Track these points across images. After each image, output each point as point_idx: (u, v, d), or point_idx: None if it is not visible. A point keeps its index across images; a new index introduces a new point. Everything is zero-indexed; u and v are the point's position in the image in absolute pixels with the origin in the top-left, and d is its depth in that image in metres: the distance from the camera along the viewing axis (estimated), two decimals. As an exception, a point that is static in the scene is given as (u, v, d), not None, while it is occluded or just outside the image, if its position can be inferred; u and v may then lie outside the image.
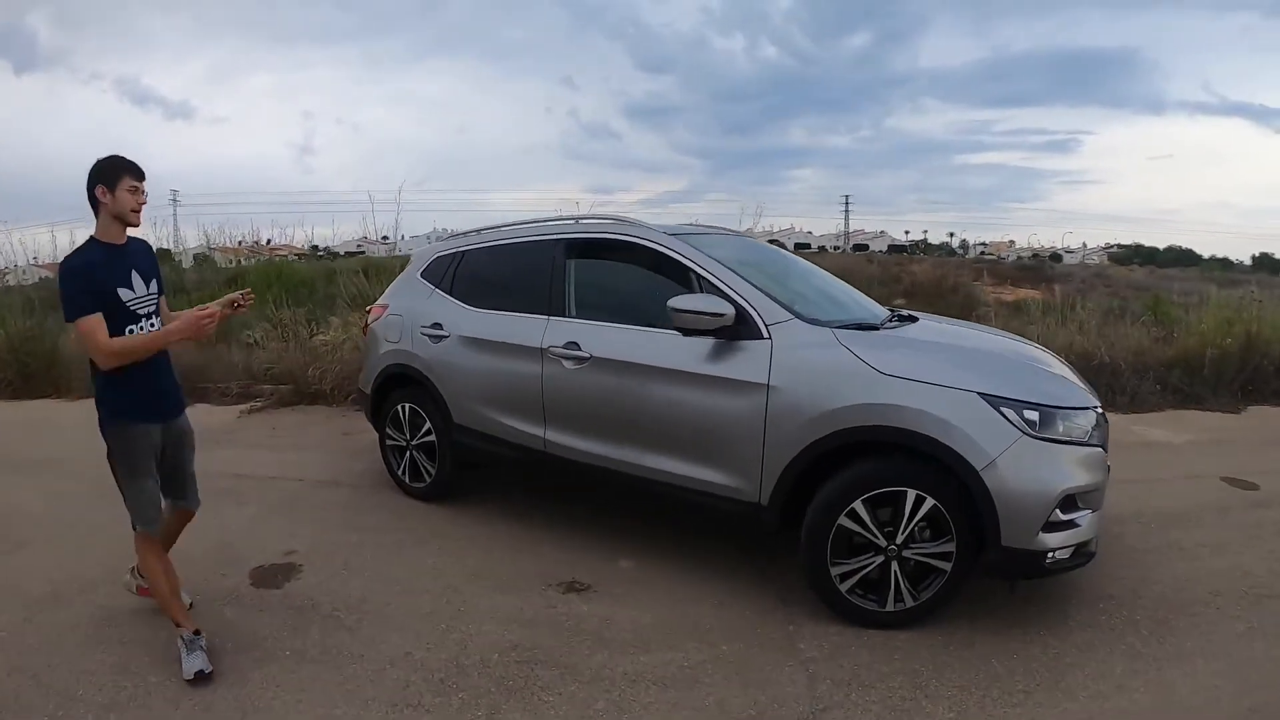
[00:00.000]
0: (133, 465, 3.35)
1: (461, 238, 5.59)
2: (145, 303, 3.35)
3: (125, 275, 3.28)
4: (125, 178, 3.22)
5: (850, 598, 3.63)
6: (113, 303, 3.22)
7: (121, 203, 3.22)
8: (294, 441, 7.10)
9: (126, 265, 3.31)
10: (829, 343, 3.74)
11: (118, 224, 3.28)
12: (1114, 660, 3.38)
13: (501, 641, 3.56)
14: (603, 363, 4.26)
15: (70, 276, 3.17)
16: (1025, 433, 3.38)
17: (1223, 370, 8.55)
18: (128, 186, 3.22)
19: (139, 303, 3.32)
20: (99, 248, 3.27)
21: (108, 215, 3.26)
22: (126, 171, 3.23)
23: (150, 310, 3.37)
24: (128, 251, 3.35)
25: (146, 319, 3.34)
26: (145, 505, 3.40)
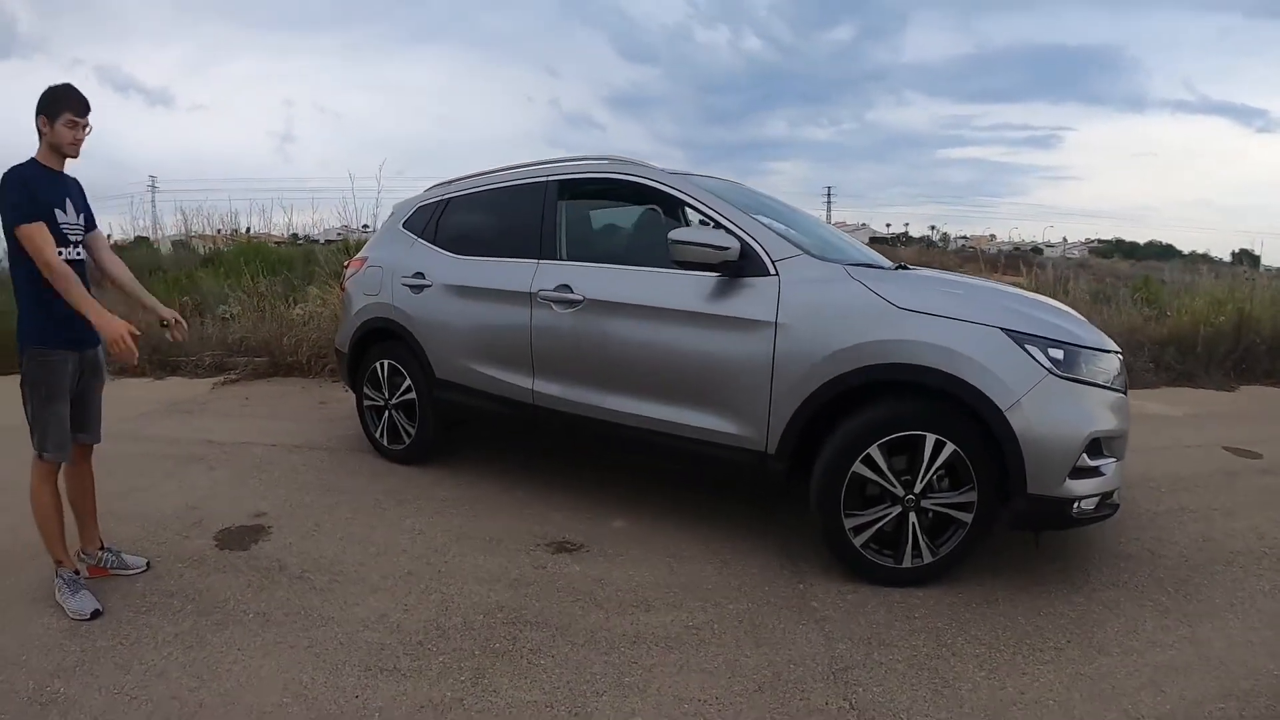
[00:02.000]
0: (50, 391, 3.26)
1: (445, 186, 5.32)
2: (75, 230, 3.33)
3: (60, 199, 3.27)
4: (65, 112, 3.19)
5: (865, 553, 3.40)
6: (49, 221, 3.17)
7: (59, 135, 3.21)
8: (269, 411, 6.85)
9: (61, 191, 3.30)
10: (840, 277, 3.51)
11: (56, 154, 3.27)
12: (1143, 616, 3.22)
13: (486, 602, 3.32)
14: (596, 305, 4.02)
15: (16, 184, 3.13)
16: (1051, 372, 3.18)
17: (1215, 349, 8.54)
18: (66, 120, 3.20)
19: (70, 229, 3.30)
20: (38, 167, 3.24)
21: (46, 144, 3.24)
22: (67, 106, 3.20)
23: (78, 239, 3.35)
24: (63, 180, 3.35)
25: (74, 246, 3.32)
26: (58, 431, 3.29)
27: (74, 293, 3.12)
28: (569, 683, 2.76)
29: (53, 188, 3.24)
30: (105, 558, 3.58)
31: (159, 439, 5.78)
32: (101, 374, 3.53)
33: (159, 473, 4.97)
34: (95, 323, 3.10)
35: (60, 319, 3.22)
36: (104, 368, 3.54)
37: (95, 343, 3.39)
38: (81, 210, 3.39)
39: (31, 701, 2.65)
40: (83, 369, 3.38)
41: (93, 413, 3.50)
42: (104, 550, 3.60)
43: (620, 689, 2.72)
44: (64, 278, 3.12)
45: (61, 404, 3.28)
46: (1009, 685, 2.73)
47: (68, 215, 3.28)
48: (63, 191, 3.29)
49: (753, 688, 2.73)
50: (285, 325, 8.76)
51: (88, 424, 3.47)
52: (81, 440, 3.45)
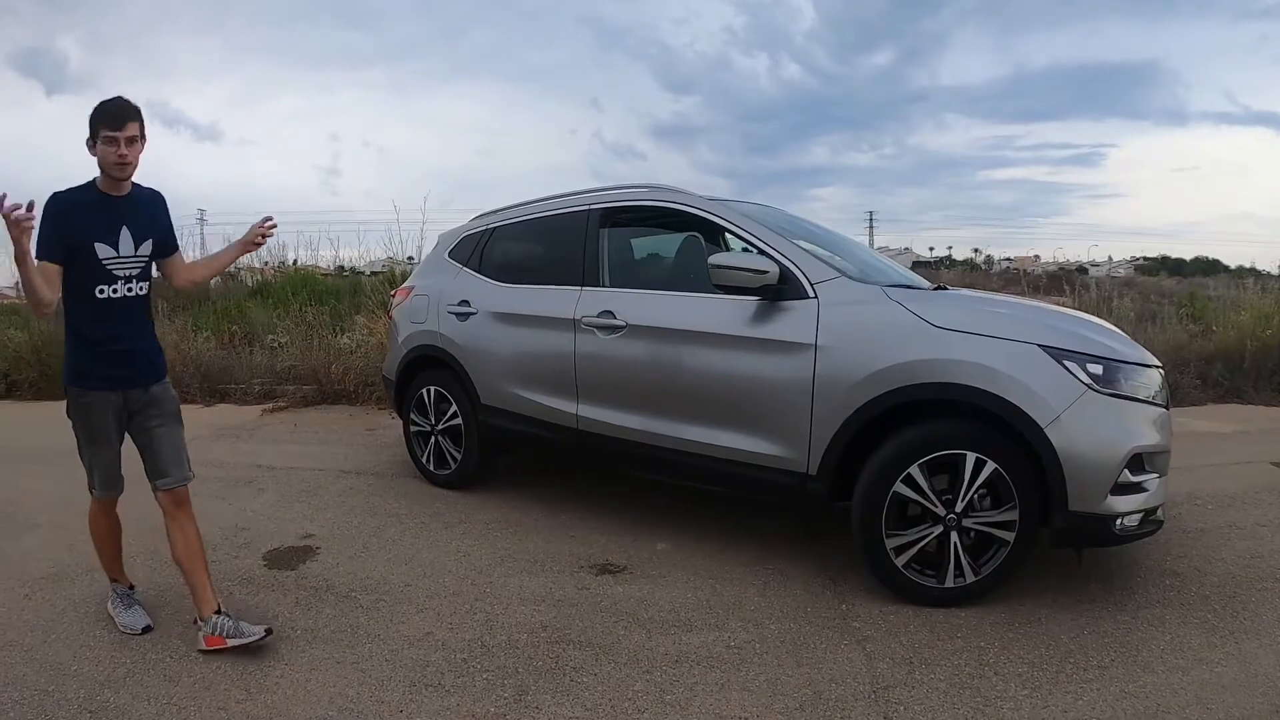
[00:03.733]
0: (90, 432, 3.12)
1: (489, 215, 5.41)
2: (127, 265, 3.05)
3: (110, 230, 3.00)
4: (100, 129, 2.92)
5: (907, 573, 3.40)
6: (86, 257, 2.95)
7: (101, 156, 2.95)
8: (317, 437, 6.97)
9: (117, 219, 3.03)
10: (878, 299, 3.53)
11: (108, 177, 3.01)
12: (1189, 634, 3.18)
13: (530, 622, 3.36)
14: (639, 330, 4.07)
15: (47, 216, 2.89)
16: (1090, 387, 3.18)
17: (1263, 364, 8.40)
18: (103, 137, 2.92)
19: (119, 264, 3.03)
20: (93, 193, 3.01)
21: (98, 168, 3.00)
22: (101, 121, 2.93)
23: (133, 274, 3.08)
24: (125, 204, 3.06)
25: (124, 282, 3.05)
26: (102, 471, 3.18)
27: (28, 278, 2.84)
28: (611, 700, 2.79)
29: (102, 218, 2.99)
30: (221, 623, 3.12)
31: (209, 463, 5.85)
32: (167, 410, 3.23)
33: (208, 495, 5.04)
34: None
35: (96, 357, 3.05)
36: (169, 403, 3.24)
37: (149, 380, 3.18)
38: (149, 237, 3.11)
39: (82, 710, 2.73)
40: (133, 408, 3.16)
41: (165, 455, 3.19)
42: (220, 615, 3.15)
43: (662, 706, 2.75)
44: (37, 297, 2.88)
45: (103, 446, 3.12)
46: (1052, 704, 2.71)
47: (119, 249, 3.01)
48: (115, 220, 3.01)
49: (794, 706, 2.74)
50: (333, 354, 8.90)
51: (161, 466, 3.18)
52: (161, 486, 3.18)
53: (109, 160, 2.93)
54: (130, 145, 2.95)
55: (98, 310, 3.01)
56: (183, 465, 3.23)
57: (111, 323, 3.04)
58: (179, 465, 3.22)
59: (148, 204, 3.17)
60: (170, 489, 3.19)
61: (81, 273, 2.95)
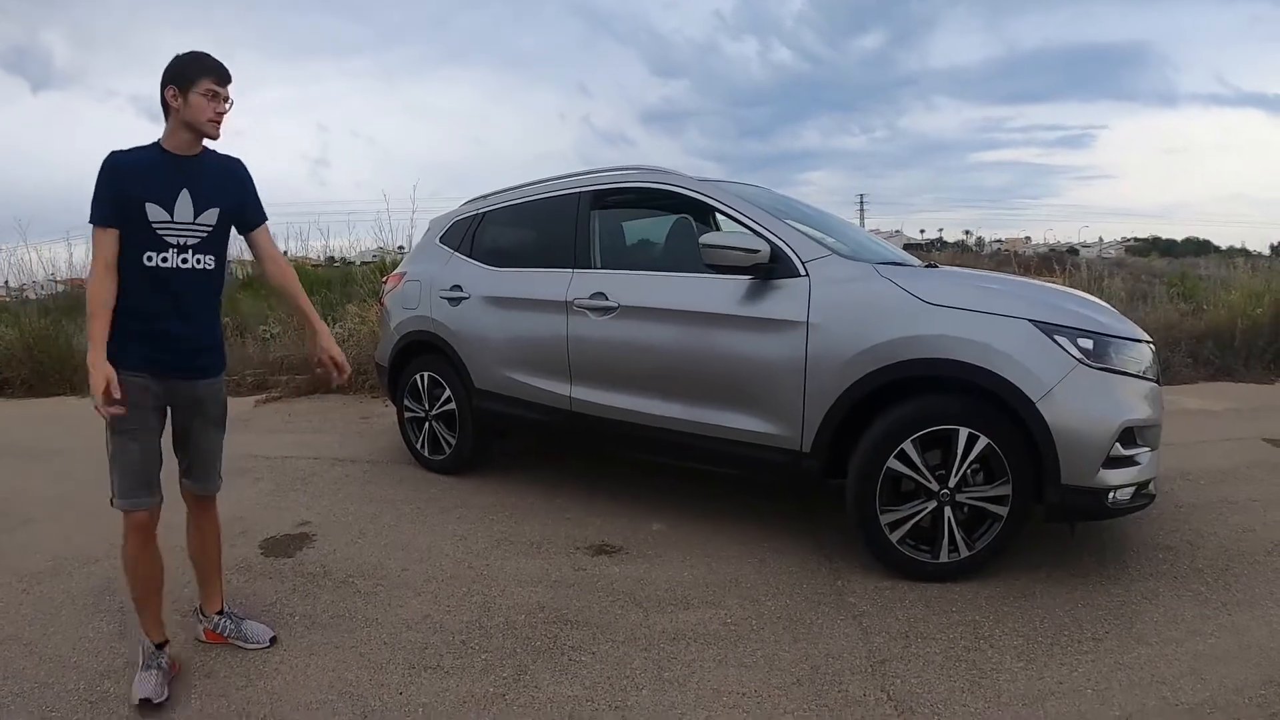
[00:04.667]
0: (119, 420, 2.68)
1: (480, 200, 5.41)
2: (185, 233, 2.72)
3: (168, 191, 2.69)
4: (204, 80, 2.65)
5: (901, 548, 3.42)
6: (136, 219, 2.65)
7: (195, 109, 2.67)
8: (311, 426, 6.98)
9: (178, 181, 2.72)
10: (869, 276, 3.55)
11: (189, 133, 2.72)
12: (1182, 606, 3.21)
13: (527, 603, 3.38)
14: (631, 311, 4.08)
15: (104, 172, 2.65)
16: (1081, 361, 3.20)
17: (1253, 342, 8.46)
18: (204, 90, 2.66)
19: (173, 230, 2.70)
20: (155, 152, 2.72)
21: (177, 121, 2.70)
22: (207, 73, 2.67)
23: (194, 243, 2.75)
24: (191, 166, 2.76)
25: (178, 251, 2.72)
26: (126, 472, 2.75)
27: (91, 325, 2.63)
28: (609, 678, 2.81)
29: (159, 178, 2.69)
30: (223, 624, 3.09)
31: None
32: (210, 414, 2.94)
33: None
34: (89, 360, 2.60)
35: (133, 334, 2.70)
36: (214, 407, 2.95)
37: (195, 374, 2.85)
38: (214, 205, 2.78)
39: (82, 701, 2.74)
40: (175, 402, 2.84)
41: (201, 458, 2.95)
42: (222, 615, 3.11)
43: (660, 683, 2.77)
44: (91, 299, 2.65)
45: (132, 440, 2.72)
46: (1047, 675, 2.73)
47: (174, 214, 2.70)
48: (177, 181, 2.71)
49: (791, 681, 2.76)
50: (327, 344, 8.82)
51: (194, 469, 2.96)
52: (189, 489, 2.98)
53: (203, 116, 2.68)
54: (228, 105, 2.75)
55: (144, 280, 2.70)
56: (211, 477, 3.00)
57: (158, 295, 2.72)
58: (208, 475, 2.99)
59: (220, 170, 2.86)
60: (197, 494, 3.01)
61: (131, 237, 2.68)
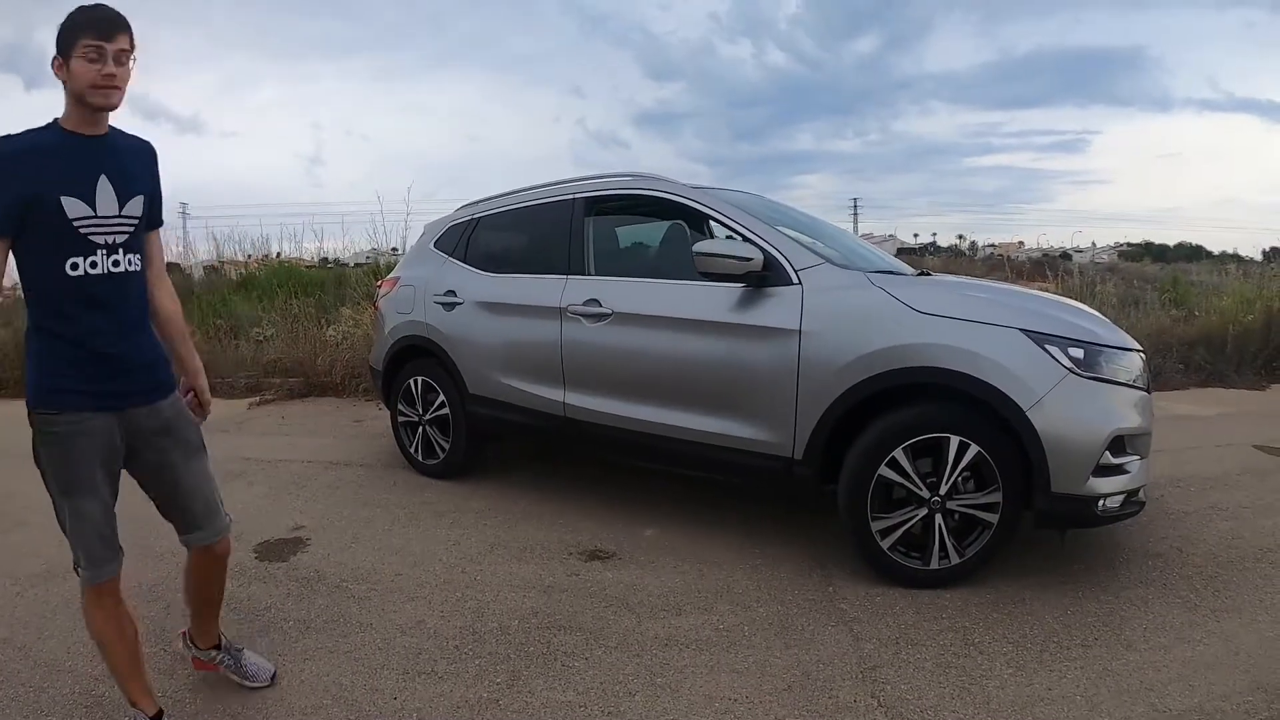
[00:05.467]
0: (63, 477, 2.21)
1: (475, 205, 5.42)
2: (110, 228, 2.20)
3: (83, 179, 2.15)
4: (80, 38, 2.09)
5: (892, 555, 3.44)
6: (50, 218, 2.11)
7: (78, 77, 2.10)
8: (305, 429, 6.97)
9: (92, 166, 2.18)
10: (862, 284, 3.57)
11: (83, 107, 2.16)
12: (1171, 613, 3.23)
13: (521, 608, 3.39)
14: (625, 317, 4.10)
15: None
16: (1071, 370, 3.23)
17: (1245, 348, 8.50)
18: (83, 50, 2.09)
19: (98, 226, 2.17)
20: (56, 134, 2.17)
21: (69, 97, 2.16)
22: (82, 28, 2.10)
23: (118, 241, 2.21)
24: (102, 148, 2.22)
25: (107, 252, 2.19)
26: (84, 537, 2.26)
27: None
28: (602, 684, 2.82)
29: (69, 164, 2.15)
30: (221, 658, 2.76)
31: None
32: (186, 437, 2.41)
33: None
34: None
35: (74, 362, 2.19)
36: (187, 427, 2.43)
37: (154, 395, 2.33)
38: (138, 192, 2.27)
39: (77, 705, 2.73)
40: (138, 439, 2.31)
41: (196, 497, 2.41)
42: (220, 650, 2.76)
43: (652, 689, 2.78)
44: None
45: (86, 497, 2.22)
46: (1036, 682, 2.75)
47: (96, 207, 2.16)
48: (91, 166, 2.17)
49: (782, 687, 2.77)
50: (319, 346, 8.90)
51: (192, 519, 2.42)
52: (194, 542, 2.47)
53: (88, 80, 2.11)
54: (120, 63, 2.15)
55: (71, 294, 2.17)
56: (218, 512, 2.48)
57: (93, 311, 2.19)
58: (214, 513, 2.47)
59: (133, 151, 2.34)
60: (207, 545, 2.47)
61: (45, 241, 2.13)
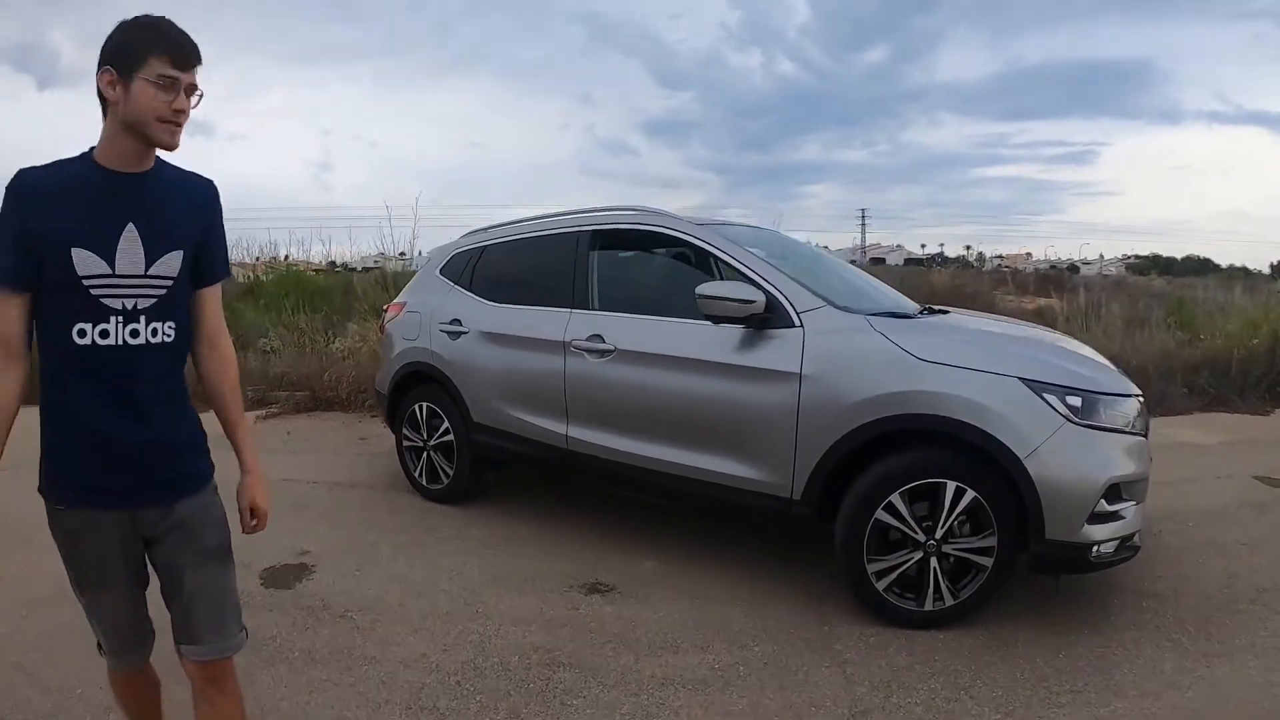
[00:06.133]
0: (78, 571, 1.96)
1: (481, 233, 5.49)
2: (134, 291, 1.80)
3: (104, 228, 1.77)
4: (154, 60, 1.72)
5: (888, 596, 3.48)
6: (58, 273, 1.74)
7: (141, 104, 1.73)
8: (310, 445, 7.02)
9: (120, 211, 1.79)
10: (863, 329, 3.62)
11: (133, 138, 1.77)
12: (1162, 658, 3.25)
13: (522, 643, 3.43)
14: (627, 355, 4.15)
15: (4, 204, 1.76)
16: (1068, 419, 3.27)
17: (1249, 372, 8.48)
18: (156, 75, 1.72)
19: (116, 288, 1.78)
20: (84, 169, 1.79)
21: (116, 122, 1.77)
22: (160, 49, 1.73)
23: (147, 306, 1.82)
24: (141, 188, 1.82)
25: (128, 320, 1.80)
26: (109, 630, 2.06)
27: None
28: (600, 723, 2.86)
29: (90, 208, 1.76)
30: None
31: (205, 475, 5.92)
32: (205, 545, 2.00)
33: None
34: None
35: (66, 451, 1.87)
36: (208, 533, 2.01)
37: (170, 495, 1.95)
38: (176, 246, 1.85)
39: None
40: (151, 535, 1.95)
41: (204, 608, 2.00)
42: None
43: (648, 730, 2.82)
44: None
45: (101, 593, 1.97)
46: (1025, 729, 2.78)
47: (115, 262, 1.77)
48: (117, 211, 1.78)
49: (774, 730, 2.82)
50: (326, 361, 8.95)
51: (192, 629, 1.99)
52: (190, 655, 2.01)
53: (155, 111, 1.74)
54: (188, 97, 1.80)
55: (77, 366, 1.80)
56: (225, 630, 2.03)
57: (99, 389, 1.82)
58: (219, 630, 2.02)
59: (181, 194, 1.92)
60: (204, 661, 2.02)
61: (53, 300, 1.78)
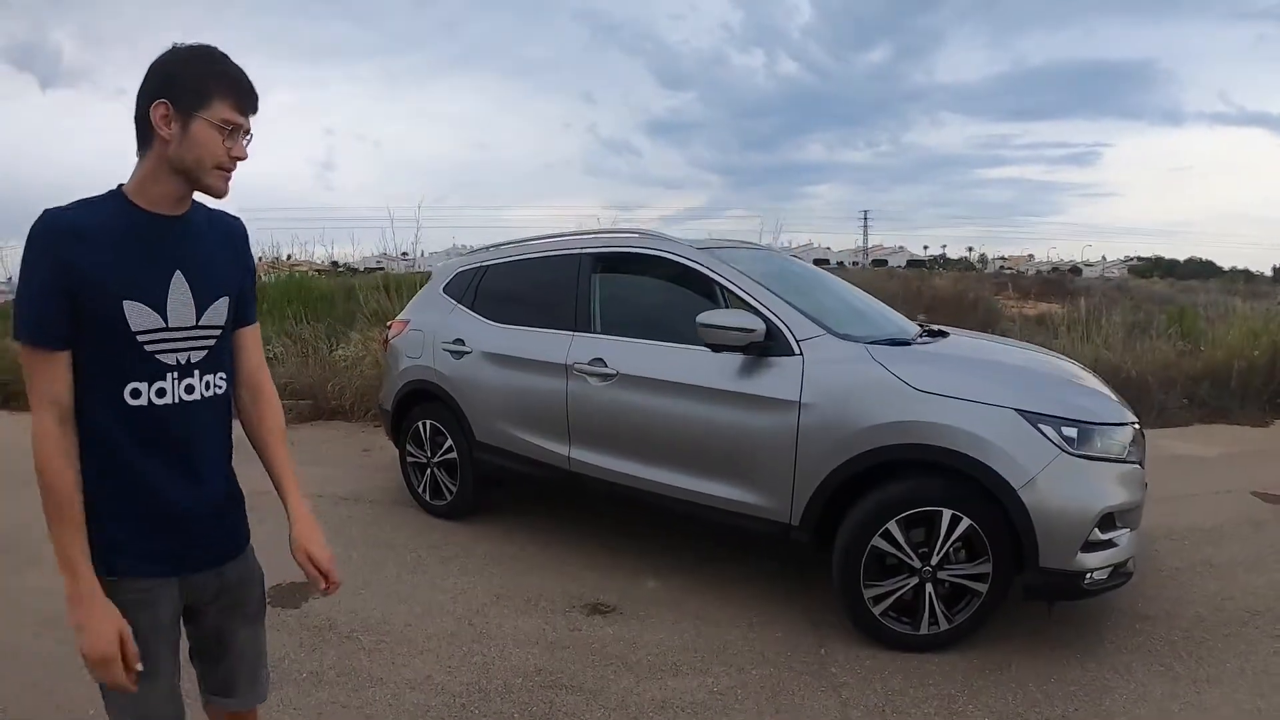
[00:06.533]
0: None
1: (483, 252, 5.55)
2: (188, 344, 1.66)
3: (155, 278, 1.61)
4: (221, 101, 1.58)
5: (884, 620, 3.54)
6: (109, 329, 1.57)
7: (202, 146, 1.57)
8: (314, 457, 7.04)
9: (168, 259, 1.63)
10: (862, 358, 3.67)
11: (179, 182, 1.61)
12: (1152, 683, 3.31)
13: (525, 665, 3.49)
14: (629, 379, 4.21)
15: (31, 246, 1.54)
16: (1064, 450, 3.32)
17: (1250, 383, 8.52)
18: (221, 118, 1.58)
19: (169, 342, 1.63)
20: (122, 209, 1.59)
21: (162, 160, 1.58)
22: (229, 92, 1.59)
23: (201, 358, 1.69)
24: (180, 232, 1.66)
25: (180, 375, 1.66)
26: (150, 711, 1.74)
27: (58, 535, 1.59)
28: (600, 749, 2.92)
29: (137, 256, 1.59)
30: None
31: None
32: (250, 607, 1.96)
33: (211, 524, 5.18)
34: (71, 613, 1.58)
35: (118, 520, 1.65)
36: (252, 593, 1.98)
37: (224, 555, 1.86)
38: (224, 293, 1.72)
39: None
40: (197, 602, 1.83)
41: (243, 664, 1.94)
42: None
43: (648, 755, 2.88)
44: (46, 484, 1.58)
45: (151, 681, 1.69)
46: (1016, 755, 2.84)
47: (168, 313, 1.62)
48: (165, 261, 1.62)
49: (770, 756, 2.87)
50: (329, 370, 8.99)
51: (230, 684, 1.94)
52: (225, 708, 1.96)
53: (214, 157, 1.60)
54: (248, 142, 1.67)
55: (131, 429, 1.64)
56: (259, 680, 2.00)
57: (158, 453, 1.68)
58: (254, 681, 1.98)
59: (219, 236, 1.77)
60: (237, 711, 1.98)
61: (101, 359, 1.60)
